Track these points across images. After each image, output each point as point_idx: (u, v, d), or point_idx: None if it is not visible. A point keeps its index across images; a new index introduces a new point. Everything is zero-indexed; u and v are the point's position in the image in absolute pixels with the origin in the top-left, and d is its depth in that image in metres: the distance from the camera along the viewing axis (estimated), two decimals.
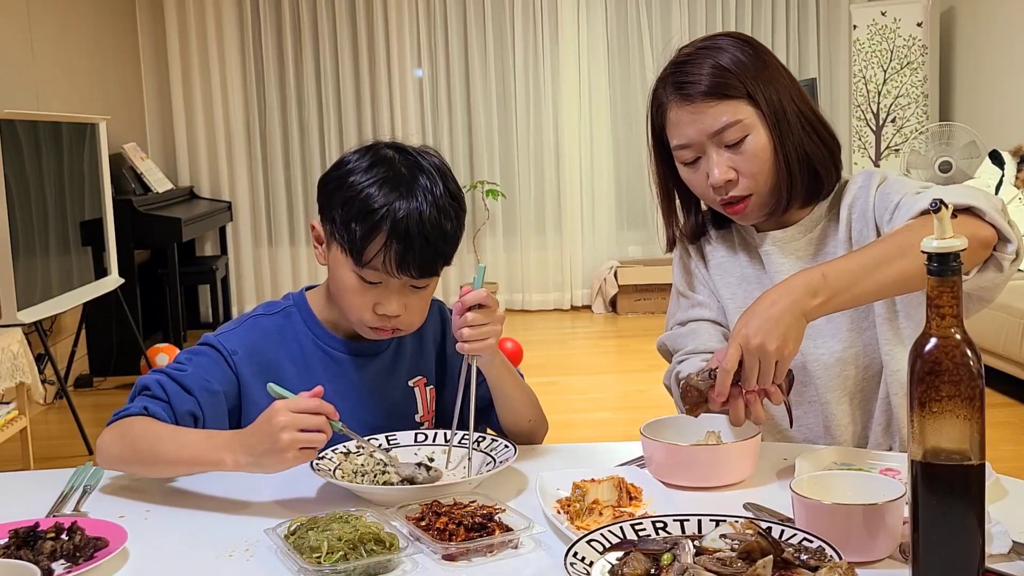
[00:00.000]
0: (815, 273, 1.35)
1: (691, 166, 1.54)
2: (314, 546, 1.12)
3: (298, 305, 1.59)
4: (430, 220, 1.42)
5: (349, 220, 1.43)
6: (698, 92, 1.49)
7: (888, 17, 6.17)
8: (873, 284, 1.34)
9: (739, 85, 1.49)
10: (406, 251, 1.41)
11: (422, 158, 1.49)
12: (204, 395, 1.47)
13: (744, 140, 1.49)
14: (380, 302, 1.46)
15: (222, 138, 6.78)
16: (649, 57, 6.88)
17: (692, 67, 1.51)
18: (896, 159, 6.15)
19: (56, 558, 1.16)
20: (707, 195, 1.55)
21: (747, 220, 1.57)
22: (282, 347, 1.54)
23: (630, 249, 7.07)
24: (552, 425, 1.67)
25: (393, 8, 6.77)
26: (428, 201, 1.43)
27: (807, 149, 1.52)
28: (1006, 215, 1.38)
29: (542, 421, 1.63)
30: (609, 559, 1.06)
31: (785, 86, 1.52)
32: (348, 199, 1.44)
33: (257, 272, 6.92)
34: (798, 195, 1.54)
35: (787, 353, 1.31)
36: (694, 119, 1.50)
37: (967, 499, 0.95)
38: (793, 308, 1.31)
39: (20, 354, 3.73)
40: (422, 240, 1.42)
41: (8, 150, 3.91)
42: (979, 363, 0.95)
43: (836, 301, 1.34)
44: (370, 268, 1.44)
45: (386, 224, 1.41)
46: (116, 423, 1.43)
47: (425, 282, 1.49)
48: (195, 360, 1.51)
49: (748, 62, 1.50)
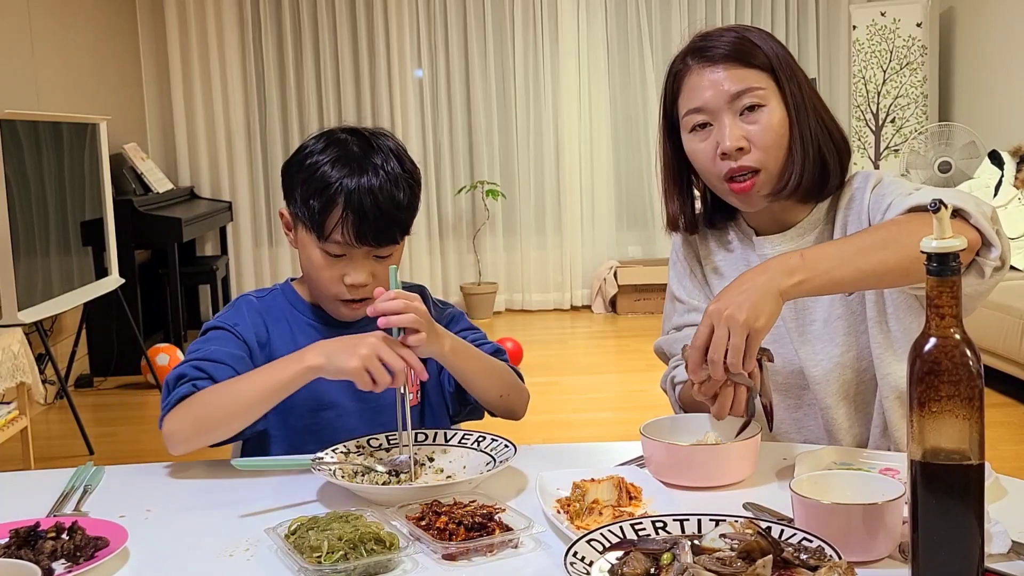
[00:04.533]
0: (794, 255, 1.34)
1: (700, 133, 1.51)
2: (314, 546, 1.12)
3: (284, 290, 1.68)
4: (382, 191, 1.52)
5: (308, 197, 1.53)
6: (720, 55, 1.49)
7: (888, 17, 6.17)
8: (852, 270, 1.32)
9: (764, 58, 1.49)
10: (361, 221, 1.51)
11: (375, 139, 1.58)
12: (235, 361, 1.53)
13: (760, 110, 1.48)
14: (347, 273, 1.55)
15: (222, 138, 6.78)
16: (649, 57, 6.89)
17: (716, 36, 1.51)
18: (896, 159, 6.15)
19: (56, 558, 1.16)
20: (712, 169, 1.51)
21: (750, 203, 1.53)
22: (272, 323, 1.62)
23: (630, 249, 7.08)
24: (552, 425, 1.68)
25: (393, 8, 6.77)
26: (379, 175, 1.53)
27: (820, 141, 1.51)
28: (996, 223, 1.36)
29: (517, 392, 1.64)
30: (609, 559, 1.06)
31: (806, 82, 1.53)
32: (306, 179, 1.54)
33: (257, 272, 6.92)
34: (804, 183, 1.50)
35: (759, 326, 1.28)
36: (713, 81, 1.48)
37: (966, 499, 0.95)
38: (768, 285, 1.30)
39: (21, 354, 3.73)
40: (375, 210, 1.51)
41: (8, 150, 3.91)
42: (978, 363, 0.95)
43: (813, 283, 1.32)
44: (332, 241, 1.53)
45: (340, 197, 1.50)
46: (174, 408, 1.46)
47: (388, 251, 1.56)
48: (209, 341, 1.57)
49: (775, 47, 1.51)
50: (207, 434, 1.45)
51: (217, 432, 1.46)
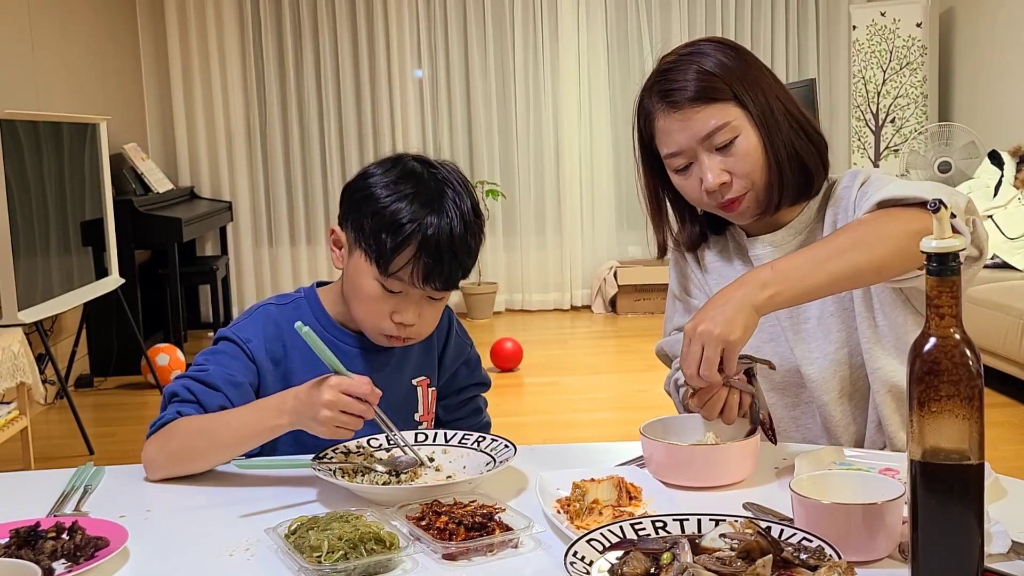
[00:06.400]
0: (765, 268, 1.36)
1: (683, 173, 1.54)
2: (314, 545, 1.12)
3: (308, 298, 1.62)
4: (458, 236, 1.47)
5: (379, 231, 1.47)
6: (685, 98, 1.49)
7: (887, 17, 6.17)
8: (825, 276, 1.34)
9: (725, 87, 1.49)
10: (434, 265, 1.46)
11: (448, 172, 1.53)
12: (230, 388, 1.50)
13: (734, 141, 1.49)
14: (398, 311, 1.50)
15: (222, 138, 6.78)
16: (649, 57, 6.87)
17: (676, 74, 1.51)
18: (895, 159, 6.15)
19: (57, 557, 1.16)
20: (701, 200, 1.55)
21: (743, 218, 1.57)
22: (291, 338, 1.56)
23: (630, 249, 7.08)
24: (552, 425, 1.69)
25: (393, 8, 6.77)
26: (456, 217, 1.48)
27: (796, 146, 1.52)
28: (971, 213, 1.37)
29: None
30: (609, 559, 1.06)
31: (770, 86, 1.53)
32: (378, 211, 1.48)
33: (257, 272, 6.92)
34: (789, 192, 1.53)
35: (733, 339, 1.30)
36: (683, 125, 1.50)
37: (966, 499, 0.95)
38: (743, 300, 1.32)
39: (21, 354, 3.73)
40: (450, 255, 1.47)
41: (8, 150, 3.91)
42: (978, 363, 0.95)
43: (787, 294, 1.34)
44: (395, 279, 1.48)
45: (416, 237, 1.45)
46: (155, 434, 1.47)
47: (444, 294, 1.53)
48: (214, 358, 1.54)
49: (732, 64, 1.50)
50: (182, 468, 1.46)
51: (192, 467, 1.46)
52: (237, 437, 1.42)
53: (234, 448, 1.43)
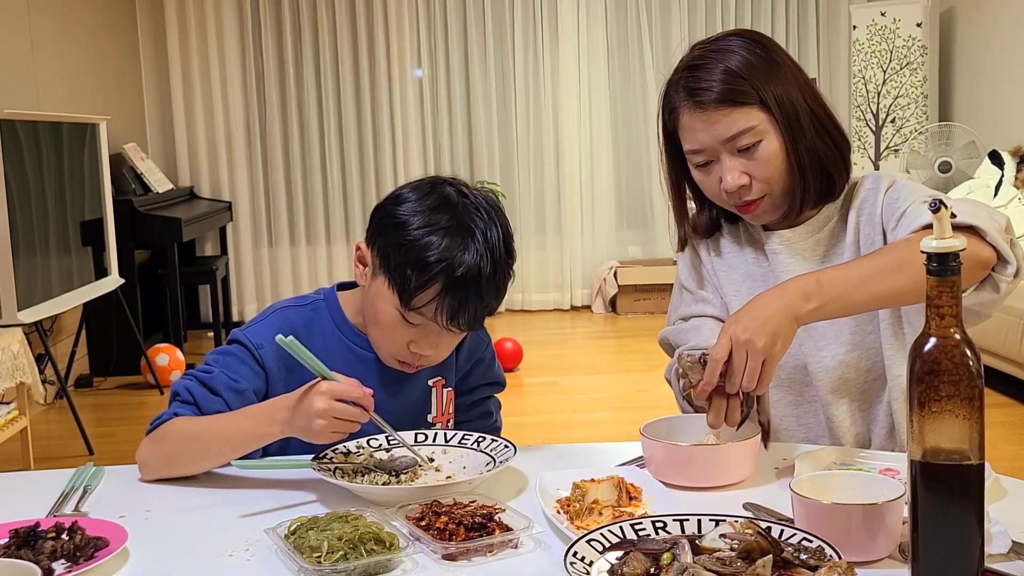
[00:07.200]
0: (810, 278, 1.36)
1: (703, 169, 1.54)
2: (314, 546, 1.12)
3: (327, 300, 1.60)
4: (487, 276, 1.43)
5: (405, 265, 1.42)
6: (710, 99, 1.48)
7: (888, 17, 6.17)
8: (867, 295, 1.36)
9: (751, 91, 1.48)
10: (460, 306, 1.42)
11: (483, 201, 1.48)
12: (230, 394, 1.49)
13: (757, 145, 1.49)
14: (416, 341, 1.48)
15: (222, 138, 6.77)
16: (649, 57, 6.88)
17: (704, 72, 1.50)
18: (896, 159, 6.15)
19: (56, 558, 1.16)
20: (720, 198, 1.55)
21: (760, 220, 1.58)
22: (306, 340, 1.50)
23: (630, 249, 7.07)
24: (552, 425, 1.69)
25: (393, 8, 6.77)
26: (487, 255, 1.43)
27: (819, 151, 1.52)
28: (1010, 233, 1.38)
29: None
30: (609, 559, 1.06)
31: (796, 85, 1.51)
32: (406, 244, 1.43)
33: (257, 272, 6.91)
34: (810, 197, 1.54)
35: (774, 352, 1.32)
36: (707, 125, 1.49)
37: (966, 499, 0.95)
38: (785, 310, 1.33)
39: (20, 354, 3.73)
40: (476, 296, 1.43)
41: (8, 150, 3.91)
42: (978, 363, 0.95)
43: (829, 308, 1.35)
44: (417, 313, 1.44)
45: (443, 277, 1.41)
46: (150, 435, 1.47)
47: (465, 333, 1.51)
48: (222, 360, 1.53)
49: (759, 64, 1.49)
50: (175, 471, 1.46)
51: (185, 470, 1.46)
52: (228, 443, 1.42)
53: (225, 454, 1.43)
